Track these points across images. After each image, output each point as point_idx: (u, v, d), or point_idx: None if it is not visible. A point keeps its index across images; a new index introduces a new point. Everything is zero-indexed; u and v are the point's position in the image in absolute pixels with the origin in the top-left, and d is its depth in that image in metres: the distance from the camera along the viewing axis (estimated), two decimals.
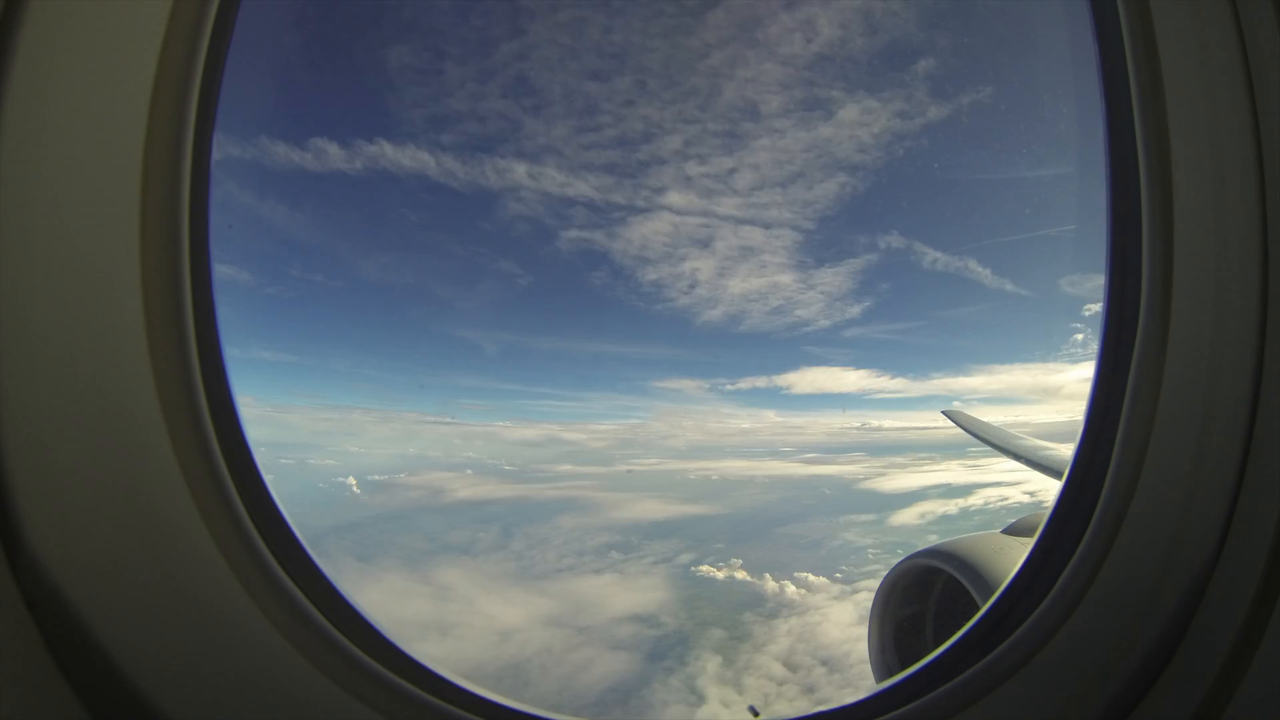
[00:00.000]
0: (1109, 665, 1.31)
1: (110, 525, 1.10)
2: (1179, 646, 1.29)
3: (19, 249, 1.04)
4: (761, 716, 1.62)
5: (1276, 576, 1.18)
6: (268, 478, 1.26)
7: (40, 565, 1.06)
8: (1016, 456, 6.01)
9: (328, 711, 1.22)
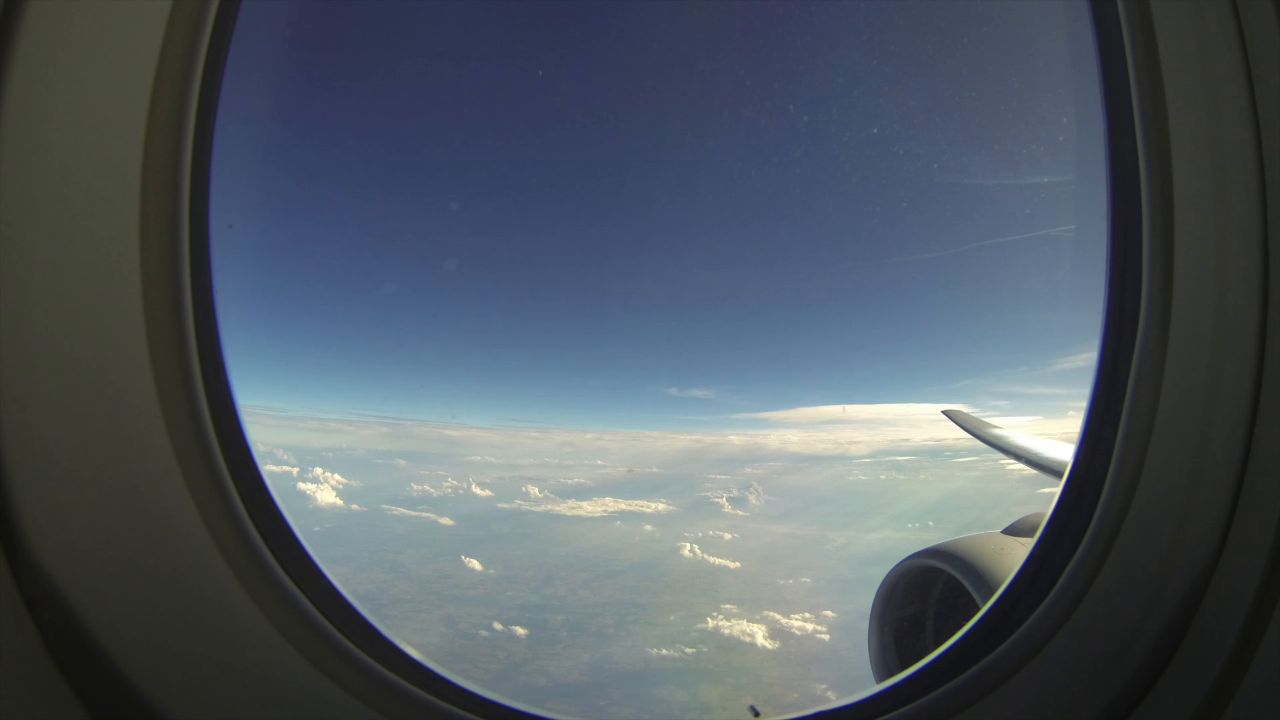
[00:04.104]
0: (1109, 665, 1.31)
1: (110, 525, 1.10)
2: (1179, 646, 1.29)
3: (19, 249, 1.04)
4: (761, 717, 1.62)
5: (1276, 576, 1.18)
6: (268, 477, 1.26)
7: (40, 565, 1.06)
8: (1017, 456, 6.00)
9: (328, 711, 1.22)
